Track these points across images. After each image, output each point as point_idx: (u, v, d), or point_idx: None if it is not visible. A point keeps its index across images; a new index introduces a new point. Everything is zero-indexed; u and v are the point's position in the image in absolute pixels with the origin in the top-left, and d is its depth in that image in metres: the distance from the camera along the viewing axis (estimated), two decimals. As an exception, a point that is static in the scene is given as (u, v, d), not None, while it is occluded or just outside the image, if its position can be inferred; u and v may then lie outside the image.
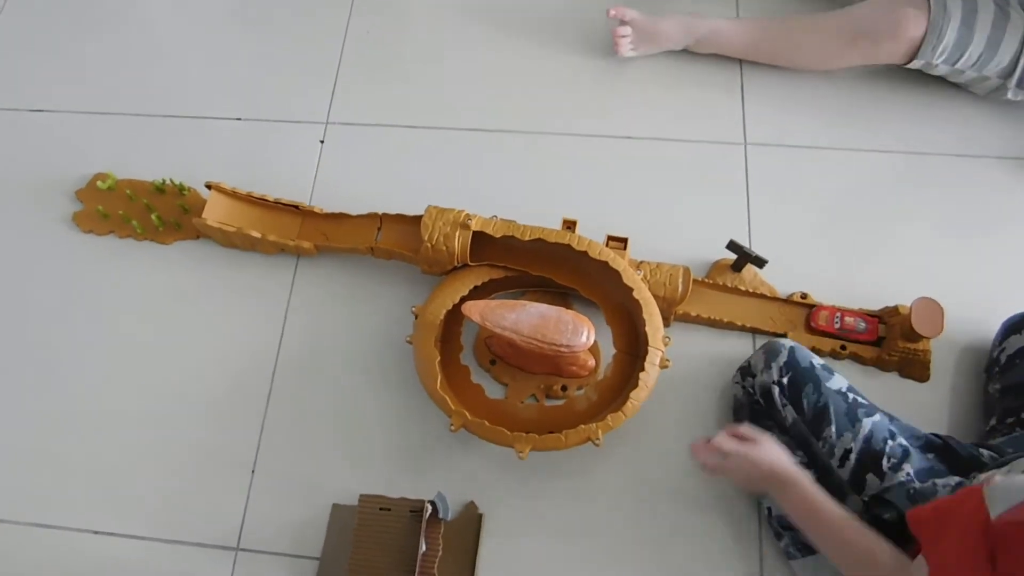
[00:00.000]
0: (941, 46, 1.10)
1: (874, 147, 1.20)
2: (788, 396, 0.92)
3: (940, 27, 1.08)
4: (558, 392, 1.06)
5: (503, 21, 1.35)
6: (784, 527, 0.94)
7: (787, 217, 1.16)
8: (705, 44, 1.24)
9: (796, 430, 0.93)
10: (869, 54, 1.14)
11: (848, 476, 0.88)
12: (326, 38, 1.36)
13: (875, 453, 0.87)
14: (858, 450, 0.87)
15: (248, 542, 1.05)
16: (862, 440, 0.87)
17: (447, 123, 1.28)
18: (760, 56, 1.24)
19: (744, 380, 0.99)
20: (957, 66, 1.12)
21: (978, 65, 1.11)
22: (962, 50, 1.10)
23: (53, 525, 1.08)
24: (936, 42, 1.09)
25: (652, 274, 1.04)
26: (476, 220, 1.05)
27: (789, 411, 0.92)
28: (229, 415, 1.11)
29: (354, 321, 1.15)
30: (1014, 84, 1.12)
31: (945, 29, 1.08)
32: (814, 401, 0.90)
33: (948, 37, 1.09)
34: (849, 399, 0.90)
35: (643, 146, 1.23)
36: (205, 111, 1.32)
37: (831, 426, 0.89)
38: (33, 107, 1.34)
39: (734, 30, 1.23)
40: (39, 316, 1.20)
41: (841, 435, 0.88)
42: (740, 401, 1.00)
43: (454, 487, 1.04)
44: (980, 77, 1.13)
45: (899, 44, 1.10)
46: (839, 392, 0.91)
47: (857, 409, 0.89)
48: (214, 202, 1.15)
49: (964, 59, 1.11)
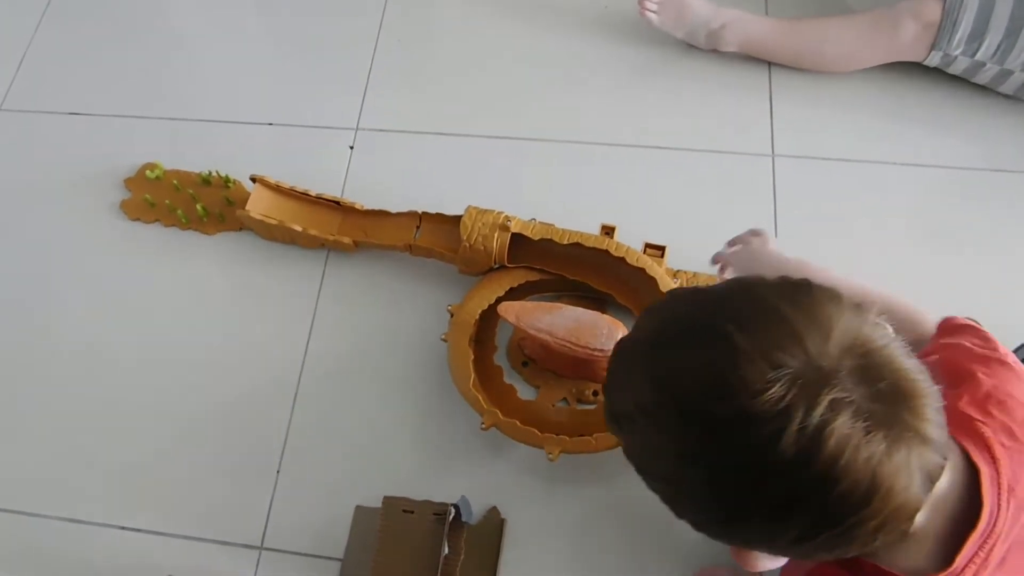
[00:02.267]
0: (957, 35, 1.09)
1: (905, 160, 1.18)
2: None
3: (956, 13, 1.08)
4: (590, 397, 1.04)
5: (534, 28, 1.35)
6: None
7: (818, 231, 1.14)
8: (731, 31, 1.22)
9: None
10: (891, 43, 1.14)
11: None
12: (357, 45, 1.37)
13: None
14: None
15: (272, 541, 1.03)
16: None
17: (478, 130, 1.27)
18: (787, 46, 1.23)
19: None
20: (976, 57, 1.11)
21: (998, 56, 1.09)
22: (979, 38, 1.08)
23: (81, 520, 1.06)
24: (952, 28, 1.08)
25: (689, 283, 1.03)
26: (515, 222, 1.04)
27: None
28: (257, 412, 1.10)
29: (386, 319, 1.14)
30: None
31: (961, 13, 1.07)
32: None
33: (964, 25, 1.08)
34: None
35: (676, 156, 1.22)
36: (236, 116, 1.32)
37: None
38: (72, 111, 1.36)
39: (761, 20, 1.24)
40: (81, 301, 1.20)
41: None
42: None
43: (479, 491, 1.01)
44: (1003, 71, 1.11)
45: (918, 25, 1.11)
46: None
47: None
48: (258, 195, 1.15)
49: (983, 49, 1.09)
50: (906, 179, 1.17)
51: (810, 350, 0.46)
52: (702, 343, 0.50)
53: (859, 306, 0.50)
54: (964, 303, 1.01)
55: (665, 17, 1.24)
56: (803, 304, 0.49)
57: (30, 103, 1.38)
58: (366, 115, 1.30)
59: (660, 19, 1.24)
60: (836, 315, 0.48)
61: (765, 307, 0.50)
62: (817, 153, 1.20)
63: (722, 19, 1.22)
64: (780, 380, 0.45)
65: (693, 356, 0.50)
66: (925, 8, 1.10)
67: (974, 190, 1.15)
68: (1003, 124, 1.18)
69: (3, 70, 1.42)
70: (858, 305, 0.50)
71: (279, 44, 1.40)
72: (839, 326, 0.48)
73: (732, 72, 1.26)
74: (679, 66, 1.28)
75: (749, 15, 1.23)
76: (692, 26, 1.24)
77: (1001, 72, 1.12)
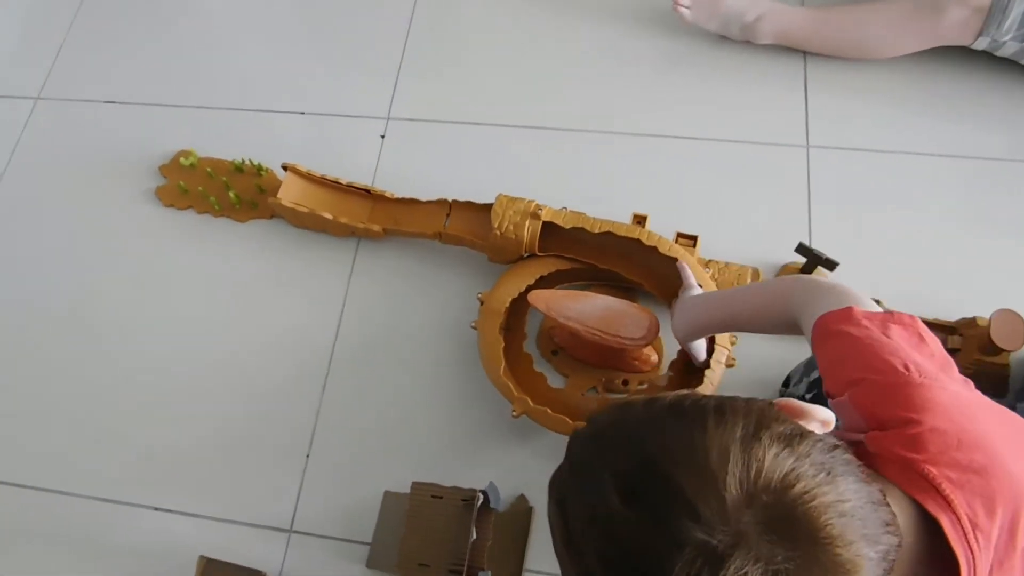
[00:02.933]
0: (1008, 19, 1.04)
1: (943, 152, 1.15)
2: None
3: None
4: (619, 386, 1.03)
5: (565, 17, 1.34)
6: None
7: (854, 222, 1.12)
8: (766, 22, 1.19)
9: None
10: (935, 28, 1.09)
11: None
12: (388, 34, 1.37)
13: None
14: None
15: (301, 525, 1.04)
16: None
17: (508, 120, 1.26)
18: (824, 35, 1.19)
19: (781, 388, 0.96)
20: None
21: None
22: None
23: (117, 500, 1.08)
24: (1003, 14, 1.04)
25: (720, 273, 1.01)
26: (546, 210, 1.03)
27: None
28: (287, 397, 1.11)
29: (414, 307, 1.14)
30: None
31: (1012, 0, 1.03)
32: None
33: (1016, 8, 1.03)
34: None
35: (708, 146, 1.20)
36: (269, 105, 1.33)
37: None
38: (108, 99, 1.38)
39: (796, 9, 1.20)
40: (116, 286, 1.22)
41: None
42: None
43: (507, 478, 1.01)
44: None
45: (967, 9, 1.06)
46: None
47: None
48: (289, 183, 1.16)
49: None
50: (943, 170, 1.14)
51: (706, 518, 0.42)
52: (603, 521, 0.46)
53: (752, 422, 0.46)
54: (1011, 294, 1.00)
55: (698, 12, 1.22)
56: (688, 457, 0.44)
57: (68, 91, 1.40)
58: (397, 104, 1.30)
59: (693, 14, 1.22)
60: (723, 459, 0.43)
61: (653, 472, 0.45)
62: (852, 144, 1.18)
63: (757, 11, 1.19)
64: (684, 560, 0.41)
65: (599, 534, 0.46)
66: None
67: (1013, 181, 1.12)
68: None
69: (41, 60, 1.44)
70: (750, 422, 0.46)
71: (312, 34, 1.41)
72: (731, 473, 0.43)
73: (766, 62, 1.24)
74: (712, 56, 1.27)
75: (784, 6, 1.20)
76: (726, 19, 1.22)
77: None
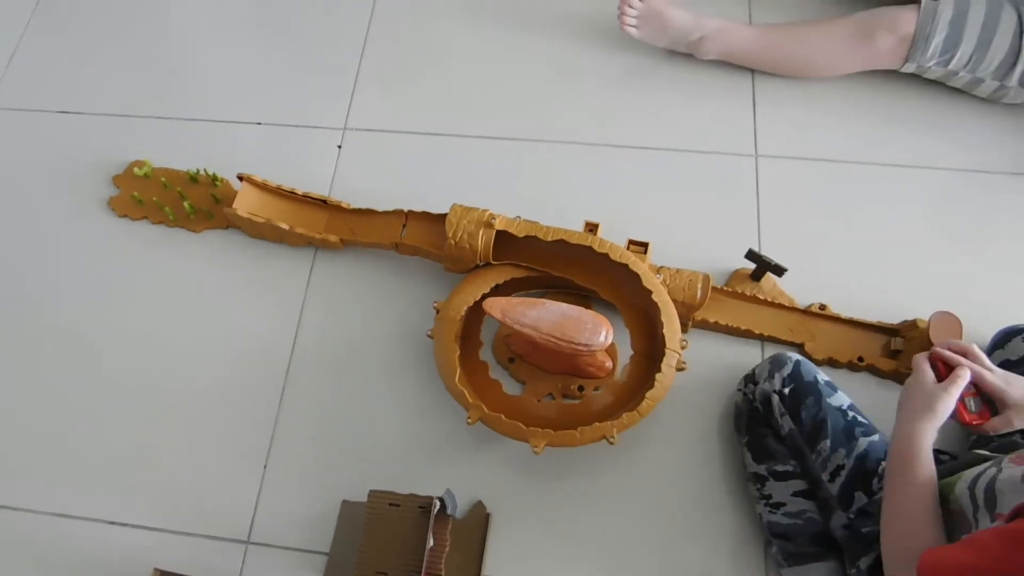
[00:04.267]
0: (931, 46, 1.10)
1: (886, 161, 1.19)
2: (787, 406, 0.91)
3: (929, 26, 1.09)
4: (575, 392, 1.04)
5: (519, 30, 1.35)
6: (774, 535, 0.92)
7: (801, 229, 1.14)
8: (712, 41, 1.22)
9: (791, 440, 0.91)
10: (869, 53, 1.15)
11: (837, 491, 0.86)
12: (345, 46, 1.37)
13: (867, 472, 0.85)
14: (850, 467, 0.86)
15: (259, 535, 1.03)
16: (855, 458, 0.86)
17: (464, 131, 1.27)
18: (767, 57, 1.22)
19: (746, 387, 0.98)
20: (950, 67, 1.13)
21: (970, 66, 1.11)
22: (952, 50, 1.10)
23: (70, 515, 1.06)
24: (925, 43, 1.10)
25: (672, 279, 1.02)
26: (500, 219, 1.04)
27: (787, 421, 0.91)
28: (244, 407, 1.09)
29: (372, 316, 1.14)
30: (1015, 82, 1.11)
31: (934, 28, 1.09)
32: (813, 414, 0.89)
33: (937, 36, 1.09)
34: (848, 416, 0.89)
35: (659, 156, 1.22)
36: (225, 115, 1.32)
37: (826, 440, 0.87)
38: (61, 109, 1.35)
39: (741, 30, 1.22)
40: (67, 298, 1.19)
41: (835, 450, 0.87)
42: (740, 408, 0.99)
43: (465, 485, 1.01)
44: (975, 79, 1.13)
45: (894, 38, 1.11)
46: (839, 409, 0.89)
47: (855, 428, 0.88)
48: (245, 193, 1.15)
49: (956, 60, 1.11)
50: (886, 179, 1.18)
51: None
52: None
53: None
54: (949, 296, 1.04)
55: (645, 30, 1.24)
56: None
57: (19, 101, 1.37)
58: (354, 115, 1.30)
59: (640, 32, 1.24)
60: None
61: None
62: (800, 154, 1.20)
63: (702, 31, 1.21)
64: None
65: None
66: (900, 22, 1.11)
67: (952, 190, 1.16)
68: (982, 126, 1.19)
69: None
70: None
71: (269, 45, 1.40)
72: None
73: (717, 74, 1.27)
74: (663, 68, 1.29)
75: (730, 24, 1.22)
76: (673, 38, 1.24)
77: (973, 79, 1.14)
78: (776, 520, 0.92)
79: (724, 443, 1.03)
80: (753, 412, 0.96)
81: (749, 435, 0.96)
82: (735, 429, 1.00)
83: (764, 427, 0.95)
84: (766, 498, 0.93)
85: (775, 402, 0.92)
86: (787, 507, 0.91)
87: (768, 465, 0.93)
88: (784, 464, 0.92)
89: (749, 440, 0.96)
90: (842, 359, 1.02)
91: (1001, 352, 0.95)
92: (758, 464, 0.94)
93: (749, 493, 0.97)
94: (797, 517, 0.90)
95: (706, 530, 0.98)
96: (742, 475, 0.99)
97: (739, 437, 0.98)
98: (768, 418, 0.94)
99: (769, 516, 0.93)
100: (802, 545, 0.90)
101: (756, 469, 0.94)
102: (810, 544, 0.90)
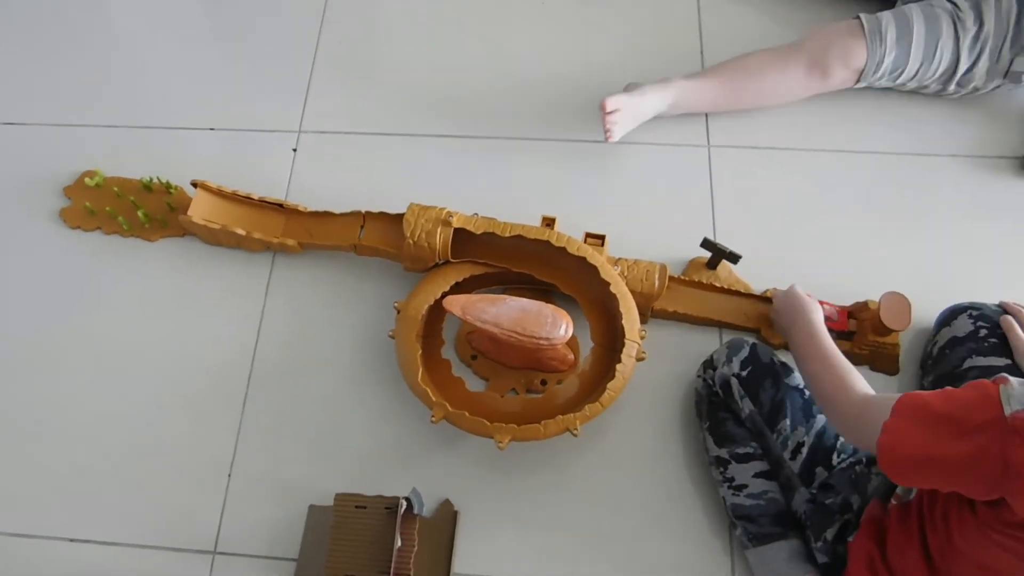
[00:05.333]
0: (881, 70, 1.14)
1: (834, 147, 1.21)
2: (747, 389, 0.93)
3: (878, 51, 1.12)
4: (538, 387, 1.04)
5: (472, 28, 1.35)
6: (738, 517, 0.94)
7: (754, 217, 1.16)
8: (676, 107, 1.20)
9: (751, 421, 0.93)
10: (823, 85, 1.17)
11: (799, 468, 0.89)
12: (297, 49, 1.35)
13: (826, 448, 0.89)
14: (810, 444, 0.89)
15: (225, 545, 1.01)
16: (814, 435, 0.89)
17: (421, 130, 1.26)
18: (727, 105, 1.22)
19: (705, 372, 0.99)
20: (898, 82, 1.17)
21: (917, 78, 1.15)
22: (900, 67, 1.14)
23: (27, 534, 1.03)
24: (876, 68, 1.13)
25: (629, 270, 1.03)
26: (457, 217, 1.03)
27: (747, 403, 0.93)
28: (206, 416, 1.08)
29: (334, 318, 1.12)
30: (953, 86, 1.16)
31: (883, 52, 1.12)
32: (771, 395, 0.91)
33: (887, 59, 1.12)
34: (806, 395, 0.92)
35: (614, 149, 1.22)
36: (176, 122, 1.29)
37: (786, 419, 0.90)
38: (6, 120, 1.32)
39: (698, 87, 1.20)
40: (20, 312, 1.16)
41: (795, 428, 0.90)
42: (700, 394, 1.00)
43: (433, 484, 1.01)
44: (920, 86, 1.18)
45: (847, 71, 1.14)
46: (796, 388, 0.92)
47: (812, 406, 0.91)
48: (200, 200, 1.12)
49: (904, 75, 1.15)
50: (835, 164, 1.20)
51: None
52: None
53: None
54: (899, 277, 1.06)
55: (624, 126, 1.18)
56: None
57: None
58: (308, 118, 1.28)
59: (620, 130, 1.18)
60: None
61: None
62: (749, 143, 1.22)
63: (668, 101, 1.19)
64: None
65: None
66: (852, 56, 1.13)
67: (897, 173, 1.18)
68: (921, 112, 1.22)
69: (-67, 82, 1.36)
70: None
71: (219, 49, 1.38)
72: None
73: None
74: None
75: (688, 83, 1.19)
76: (647, 117, 1.20)
77: (919, 86, 1.18)
78: (739, 502, 0.93)
79: (685, 430, 1.03)
80: (713, 397, 0.97)
81: (710, 420, 0.97)
82: (696, 415, 1.01)
83: (724, 411, 0.96)
84: (729, 480, 0.94)
85: (734, 385, 0.93)
86: (749, 488, 0.92)
87: (729, 448, 0.94)
88: (745, 447, 0.93)
89: (710, 425, 0.97)
90: (798, 341, 1.04)
91: (948, 329, 0.97)
92: (720, 448, 0.95)
93: (712, 477, 0.98)
94: (759, 498, 0.92)
95: (672, 516, 0.99)
96: (704, 460, 1.00)
97: (700, 423, 0.99)
98: (728, 402, 0.95)
99: (732, 498, 0.94)
100: (765, 525, 0.91)
101: (718, 453, 0.95)
102: (773, 524, 0.91)
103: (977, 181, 1.17)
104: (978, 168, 1.18)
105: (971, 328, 0.94)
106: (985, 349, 0.92)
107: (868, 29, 1.12)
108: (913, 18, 1.11)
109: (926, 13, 1.11)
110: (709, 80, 1.20)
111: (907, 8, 1.13)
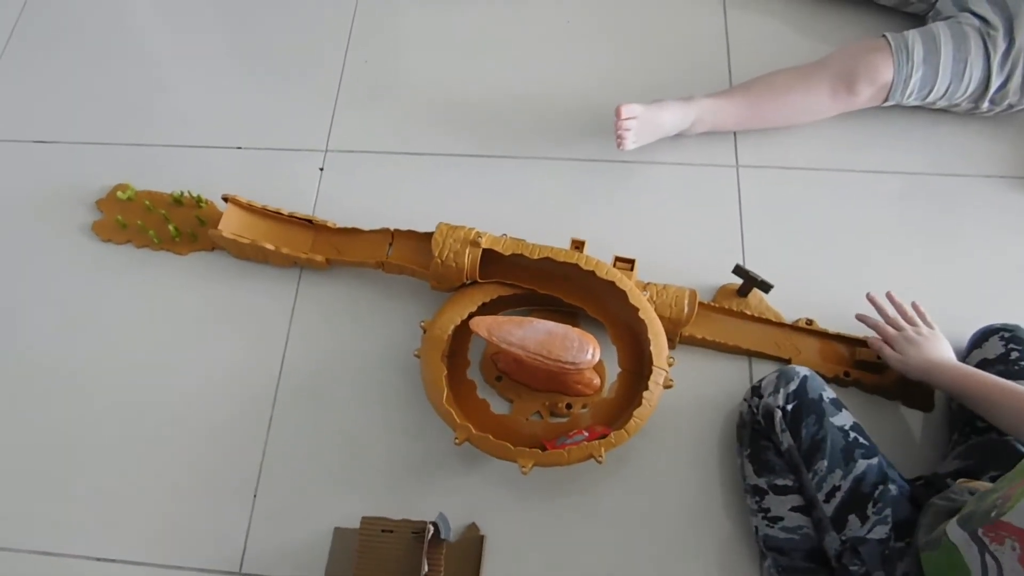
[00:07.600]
0: (909, 88, 1.10)
1: (862, 168, 1.17)
2: (788, 423, 0.88)
3: (906, 68, 1.08)
4: (563, 410, 1.02)
5: (500, 47, 1.33)
6: (769, 548, 0.90)
7: (784, 238, 1.12)
8: (700, 123, 1.18)
9: (790, 456, 0.89)
10: (850, 102, 1.14)
11: (831, 512, 0.84)
12: (324, 68, 1.34)
13: (863, 495, 0.83)
14: (847, 489, 0.83)
15: (250, 566, 0.99)
16: (852, 479, 0.83)
17: (448, 149, 1.24)
18: (752, 125, 1.19)
19: (751, 398, 0.95)
20: (927, 100, 1.13)
21: (947, 96, 1.11)
22: (929, 86, 1.10)
23: (54, 552, 1.02)
24: (904, 86, 1.10)
25: (658, 295, 1.00)
26: (486, 238, 1.01)
27: (786, 437, 0.88)
28: (232, 434, 1.06)
29: (359, 337, 1.11)
30: (986, 104, 1.12)
31: (911, 69, 1.08)
32: (813, 432, 0.86)
33: (915, 76, 1.09)
34: (850, 437, 0.86)
35: (642, 169, 1.20)
36: (205, 140, 1.28)
37: (824, 460, 0.85)
38: (42, 138, 1.32)
39: (721, 105, 1.17)
40: (52, 324, 1.15)
41: (832, 471, 0.84)
42: (743, 419, 0.96)
43: (457, 507, 0.99)
44: (951, 104, 1.14)
45: (873, 88, 1.11)
46: (840, 429, 0.86)
47: (855, 449, 0.85)
48: (230, 215, 1.12)
49: (933, 93, 1.11)
50: (865, 185, 1.16)
51: None
52: None
53: None
54: (921, 298, 1.01)
55: (640, 136, 1.16)
56: None
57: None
58: (335, 136, 1.27)
59: (636, 139, 1.16)
60: None
61: None
62: (779, 163, 1.19)
63: (691, 118, 1.16)
64: None
65: None
66: (879, 70, 1.09)
67: (932, 193, 1.15)
68: (959, 132, 1.18)
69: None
70: None
71: (247, 69, 1.37)
72: None
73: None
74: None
75: (711, 101, 1.16)
76: (666, 133, 1.18)
77: (950, 104, 1.14)
78: (772, 534, 0.89)
79: (712, 458, 1.00)
80: (756, 425, 0.94)
81: (751, 447, 0.93)
82: (737, 440, 0.97)
83: (766, 440, 0.92)
84: (764, 511, 0.90)
85: (777, 418, 0.89)
86: (784, 522, 0.89)
87: (768, 478, 0.90)
88: (784, 479, 0.89)
89: (751, 453, 0.93)
90: (828, 374, 1.00)
91: (979, 351, 0.94)
92: (758, 477, 0.91)
93: (742, 505, 0.95)
94: (794, 532, 0.88)
95: (699, 545, 0.96)
96: (732, 488, 0.97)
97: (740, 448, 0.96)
98: (769, 432, 0.91)
99: (766, 530, 0.90)
100: (797, 559, 0.88)
101: (756, 482, 0.92)
102: (805, 559, 0.88)
103: (1011, 201, 1.13)
104: (1013, 188, 1.14)
105: (1002, 350, 0.91)
106: (1016, 372, 0.88)
107: (895, 46, 1.08)
108: (940, 36, 1.07)
109: (954, 31, 1.08)
110: (733, 98, 1.17)
111: (934, 26, 1.09)
